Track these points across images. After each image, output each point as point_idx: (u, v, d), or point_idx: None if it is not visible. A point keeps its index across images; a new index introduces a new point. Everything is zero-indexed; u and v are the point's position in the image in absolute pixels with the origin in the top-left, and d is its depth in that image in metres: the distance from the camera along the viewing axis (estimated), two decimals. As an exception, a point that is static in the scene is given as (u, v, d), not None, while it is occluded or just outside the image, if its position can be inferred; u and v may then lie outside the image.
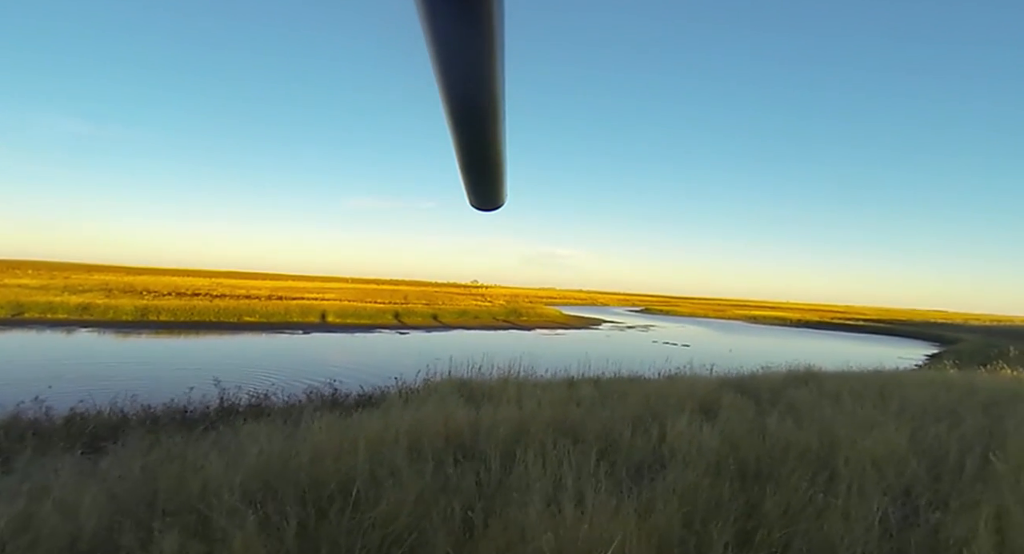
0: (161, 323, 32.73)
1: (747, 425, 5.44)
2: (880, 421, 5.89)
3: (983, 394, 7.98)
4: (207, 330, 31.26)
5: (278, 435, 4.32)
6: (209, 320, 34.83)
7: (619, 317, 62.34)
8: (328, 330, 34.60)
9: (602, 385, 8.68)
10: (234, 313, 36.82)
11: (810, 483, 3.55)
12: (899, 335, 51.70)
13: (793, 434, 4.96)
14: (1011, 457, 4.27)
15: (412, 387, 9.44)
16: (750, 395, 8.37)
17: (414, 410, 5.82)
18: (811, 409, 6.78)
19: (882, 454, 4.22)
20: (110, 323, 30.55)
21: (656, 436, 4.48)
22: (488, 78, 0.57)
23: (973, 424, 5.98)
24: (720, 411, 6.30)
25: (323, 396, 9.41)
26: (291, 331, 32.66)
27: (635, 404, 6.42)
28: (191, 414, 7.40)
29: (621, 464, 3.97)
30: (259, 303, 41.09)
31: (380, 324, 39.86)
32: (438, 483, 3.27)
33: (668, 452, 4.12)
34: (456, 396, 7.49)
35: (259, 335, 30.45)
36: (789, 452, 4.32)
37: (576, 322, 49.64)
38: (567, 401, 6.68)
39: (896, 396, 8.07)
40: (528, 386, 8.51)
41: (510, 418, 5.06)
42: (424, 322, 43.01)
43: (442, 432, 4.46)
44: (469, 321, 45.55)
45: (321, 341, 28.41)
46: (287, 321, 37.32)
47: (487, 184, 0.90)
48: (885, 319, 71.86)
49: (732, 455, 4.15)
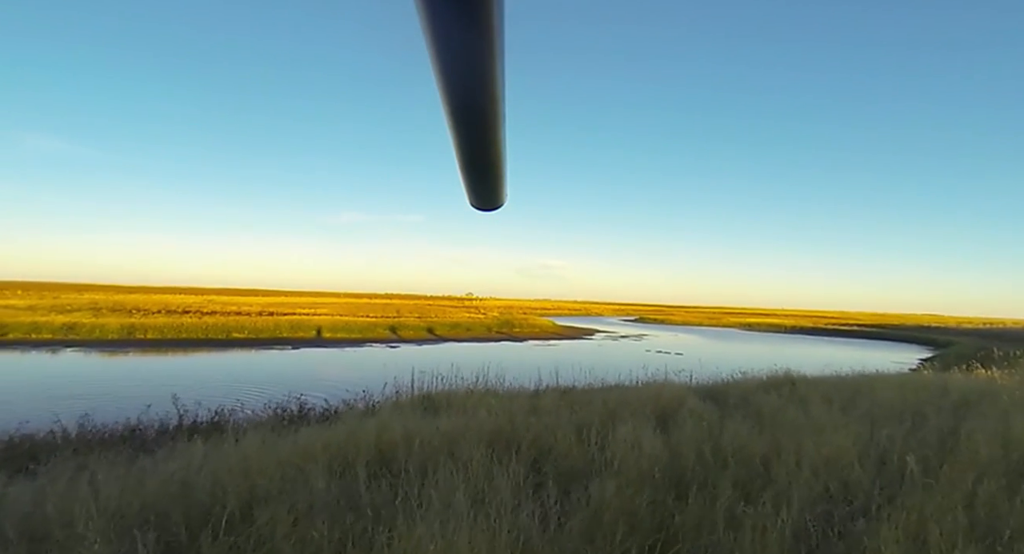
0: (148, 341, 32.38)
1: (701, 432, 5.28)
2: (841, 424, 5.72)
3: (955, 394, 7.82)
4: (194, 347, 30.98)
5: (199, 454, 4.13)
6: (197, 337, 34.54)
7: (613, 327, 62.18)
8: (318, 345, 34.35)
9: (569, 394, 8.50)
10: (222, 330, 36.53)
11: (741, 492, 3.38)
12: (892, 339, 51.65)
13: (745, 440, 4.79)
14: (962, 460, 4.11)
15: (378, 400, 9.27)
16: (717, 401, 8.19)
17: (360, 424, 5.65)
18: (775, 414, 6.61)
19: (826, 459, 4.05)
20: (95, 342, 30.21)
21: (596, 445, 4.29)
22: (488, 78, 0.57)
23: (936, 424, 5.82)
24: (678, 418, 6.13)
25: (289, 412, 9.21)
26: (280, 347, 32.40)
27: (593, 412, 6.25)
28: (141, 433, 7.20)
29: (552, 474, 3.79)
30: (248, 319, 40.77)
31: (371, 338, 39.59)
32: (336, 498, 3.10)
33: (605, 461, 3.94)
34: (418, 409, 7.33)
35: (246, 351, 30.19)
36: (733, 458, 4.15)
37: (569, 333, 49.45)
38: (526, 411, 6.50)
39: (867, 398, 7.91)
40: (495, 396, 8.33)
41: (452, 429, 4.89)
42: (416, 335, 42.77)
43: (374, 446, 4.28)
44: (461, 334, 45.31)
45: (307, 356, 28.19)
46: (276, 337, 37.01)
47: (487, 184, 0.91)
48: (879, 324, 71.91)
49: (673, 462, 3.98)
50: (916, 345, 46.53)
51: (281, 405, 9.64)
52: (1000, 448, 4.37)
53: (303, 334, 38.86)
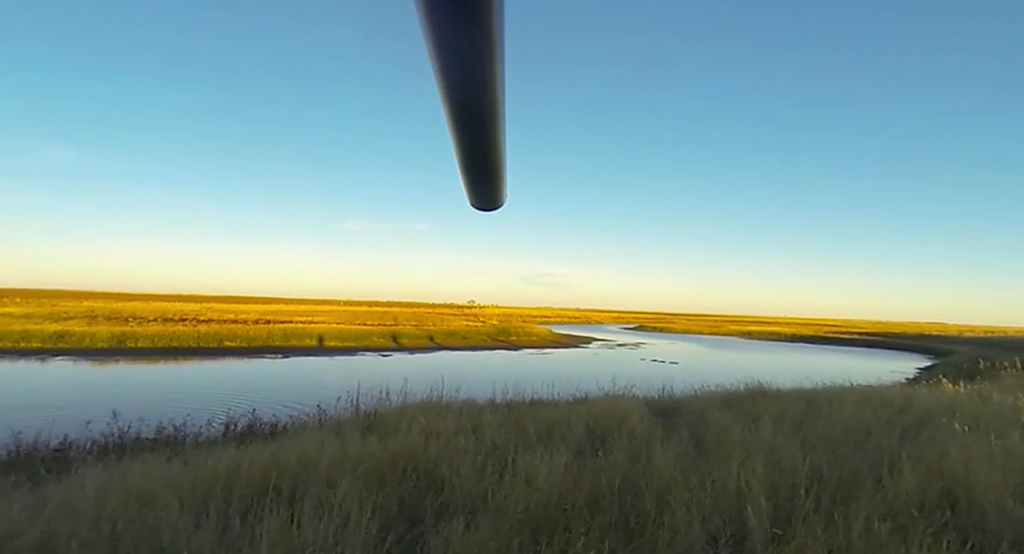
0: (138, 350, 32.33)
1: (623, 456, 5.03)
2: (781, 446, 5.46)
3: (916, 412, 7.53)
4: (183, 356, 30.88)
5: (86, 481, 3.93)
6: (188, 346, 34.48)
7: (611, 335, 61.78)
8: (308, 354, 34.21)
9: (520, 409, 8.25)
10: (215, 338, 36.44)
11: (620, 531, 3.13)
12: (893, 348, 51.01)
13: (663, 467, 4.52)
14: (871, 497, 3.83)
15: (330, 415, 9.06)
16: (671, 417, 7.95)
17: (265, 447, 5.45)
18: (721, 434, 6.36)
19: (736, 491, 3.79)
20: (84, 351, 30.11)
21: (496, 473, 4.04)
22: (488, 78, 0.57)
23: (878, 448, 5.55)
24: (613, 437, 5.89)
25: (235, 427, 9.04)
26: (271, 356, 32.29)
27: (523, 431, 6.02)
28: (68, 450, 6.98)
29: (430, 510, 3.54)
30: (242, 328, 40.66)
31: (365, 346, 39.42)
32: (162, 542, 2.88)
33: (491, 492, 3.67)
34: (359, 427, 7.12)
35: (235, 360, 30.12)
36: (633, 486, 3.90)
37: (566, 341, 49.15)
38: (466, 429, 6.27)
39: (825, 416, 7.64)
40: (444, 412, 8.11)
41: (356, 454, 4.66)
42: (411, 344, 42.58)
43: (259, 474, 4.05)
44: (457, 342, 45.09)
45: (292, 366, 28.01)
46: (268, 345, 36.92)
47: (487, 184, 0.90)
48: (881, 332, 71.12)
49: (570, 492, 3.73)
50: (916, 353, 45.88)
51: (232, 419, 9.49)
52: (925, 479, 4.10)
53: (295, 342, 38.77)
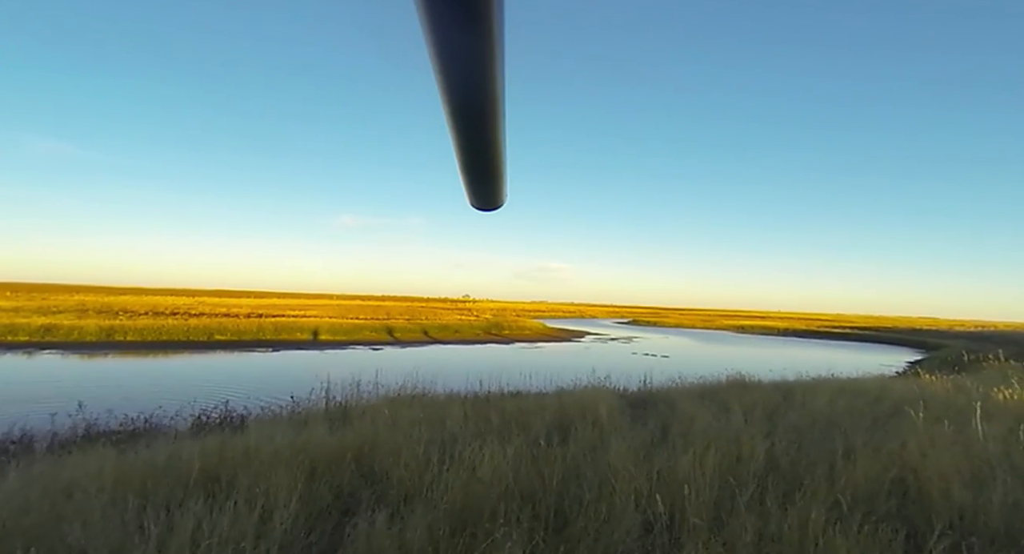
0: (127, 343, 32.13)
1: (582, 443, 4.96)
2: (744, 437, 5.38)
3: (888, 403, 7.48)
4: (172, 350, 30.71)
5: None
6: (178, 339, 34.33)
7: (604, 329, 61.76)
8: (299, 347, 34.11)
9: (489, 401, 8.17)
10: (205, 332, 36.31)
11: (555, 520, 3.04)
12: (885, 342, 51.26)
13: (616, 458, 4.43)
14: (817, 489, 3.75)
15: (303, 407, 8.96)
16: (646, 408, 7.89)
17: (236, 435, 5.35)
18: (688, 424, 6.29)
19: (682, 480, 3.70)
20: (72, 345, 29.94)
21: (437, 462, 3.95)
22: (488, 78, 0.57)
23: (842, 439, 5.49)
24: (576, 428, 5.82)
25: (204, 419, 8.98)
26: (261, 349, 32.19)
27: (486, 421, 5.94)
28: (32, 442, 6.88)
29: (366, 499, 3.44)
30: (232, 321, 40.52)
31: (356, 340, 39.34)
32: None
33: (431, 483, 3.56)
34: (325, 419, 7.03)
35: (223, 354, 29.98)
36: (580, 476, 3.81)
37: (558, 335, 49.13)
38: (418, 421, 6.15)
39: (797, 406, 7.59)
40: (414, 404, 8.03)
41: (307, 442, 4.57)
42: (403, 337, 42.47)
43: (202, 464, 3.95)
44: (449, 336, 45.04)
45: (281, 359, 27.89)
46: (259, 339, 36.79)
47: (487, 184, 0.90)
48: (873, 326, 71.52)
49: (514, 482, 3.63)
50: (908, 347, 46.06)
51: (205, 412, 9.43)
52: (880, 468, 4.03)
53: (286, 336, 38.65)
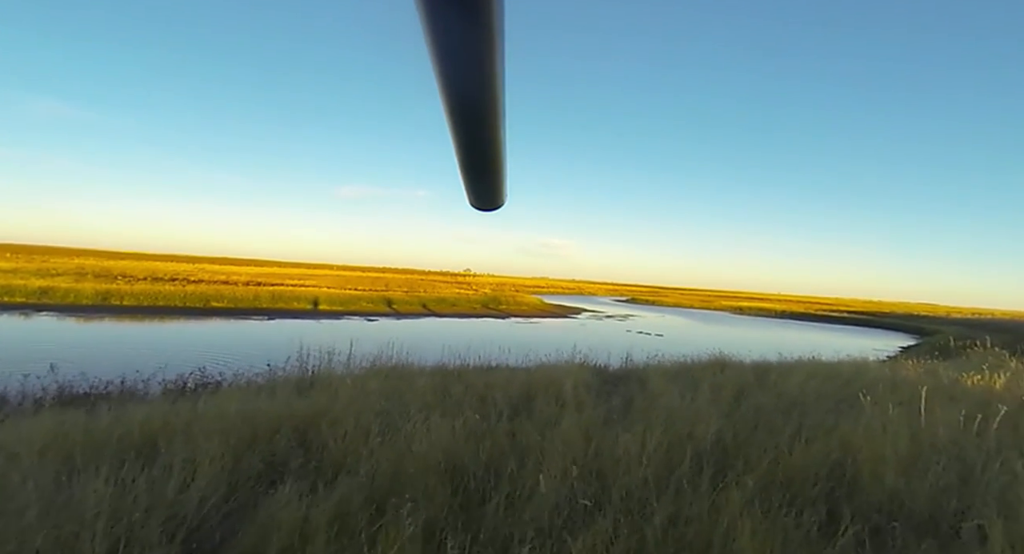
0: (122, 307, 32.25)
1: (539, 418, 4.95)
2: (701, 417, 5.38)
3: (857, 386, 7.44)
4: (167, 315, 30.80)
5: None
6: (174, 305, 34.48)
7: (602, 306, 61.81)
8: (295, 316, 34.21)
9: (460, 374, 8.18)
10: (201, 298, 36.42)
11: (475, 496, 3.02)
12: (880, 327, 51.23)
13: (568, 435, 4.42)
14: (790, 462, 3.74)
15: (275, 375, 8.99)
16: (617, 385, 7.89)
17: (188, 402, 5.36)
18: (651, 401, 6.29)
19: (616, 460, 3.68)
20: (67, 307, 30.05)
21: (376, 435, 3.93)
22: (488, 78, 0.57)
23: (809, 419, 5.48)
24: (539, 403, 5.82)
25: (180, 385, 9.05)
26: (257, 317, 32.29)
27: (448, 395, 5.94)
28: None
29: (293, 469, 3.43)
30: (230, 289, 40.60)
31: (352, 311, 39.45)
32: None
33: (365, 456, 3.53)
34: (288, 387, 7.06)
35: (218, 321, 30.07)
36: (522, 452, 3.80)
37: (555, 311, 49.21)
38: (378, 393, 6.14)
39: (768, 387, 7.57)
40: (386, 375, 8.04)
41: (256, 411, 4.57)
42: (400, 309, 42.58)
43: (141, 430, 3.95)
44: (446, 309, 45.11)
45: (273, 328, 27.91)
46: (255, 307, 36.90)
47: (487, 184, 0.89)
48: (870, 311, 71.44)
49: (450, 456, 3.61)
50: (903, 333, 46.09)
51: (181, 377, 9.50)
52: (826, 450, 4.00)
53: (282, 305, 38.76)
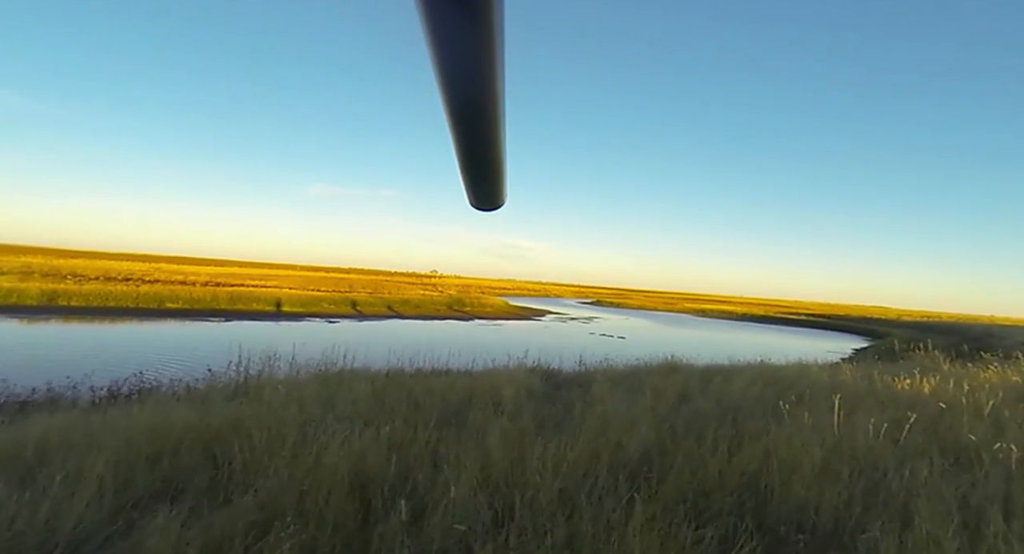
0: (70, 308, 31.00)
1: (470, 429, 4.85)
2: (638, 421, 5.37)
3: (797, 390, 7.57)
4: (118, 317, 29.73)
5: None
6: (126, 306, 33.34)
7: (567, 308, 62.10)
8: (253, 318, 33.41)
9: (402, 379, 8.02)
10: (155, 299, 35.29)
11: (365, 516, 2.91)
12: (836, 329, 52.91)
13: (491, 439, 4.33)
14: (706, 472, 3.72)
15: (213, 380, 8.69)
16: (557, 389, 7.86)
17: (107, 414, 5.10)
18: (587, 407, 6.26)
19: (534, 469, 3.61)
20: (8, 308, 28.70)
21: (291, 446, 3.77)
22: (488, 78, 0.57)
23: (741, 426, 5.51)
24: (476, 410, 5.72)
25: (116, 390, 8.68)
26: (213, 319, 31.47)
27: (382, 402, 5.79)
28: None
29: (185, 487, 3.25)
30: (186, 289, 39.46)
31: (313, 313, 38.76)
32: None
33: (272, 470, 3.35)
34: (218, 394, 6.80)
35: (171, 323, 29.13)
36: (431, 468, 3.69)
37: (519, 312, 49.17)
38: (311, 400, 5.95)
39: (712, 392, 7.63)
40: (326, 380, 7.84)
41: (157, 426, 4.34)
42: (363, 311, 42.03)
43: (36, 445, 3.71)
44: (410, 310, 44.67)
45: (228, 330, 27.14)
46: (212, 308, 35.95)
47: (487, 184, 0.88)
48: (827, 314, 73.70)
49: (358, 471, 3.46)
50: (857, 335, 47.60)
51: (115, 384, 9.10)
52: (744, 461, 4.00)
53: (241, 306, 37.83)
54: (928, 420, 5.27)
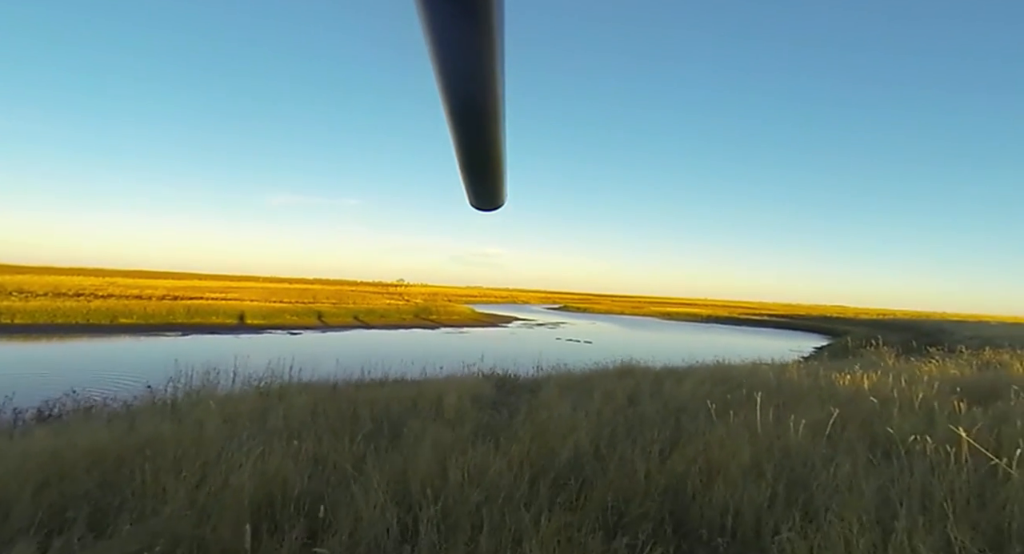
0: (13, 326, 29.58)
1: (407, 439, 4.70)
2: (579, 426, 5.29)
3: (745, 390, 7.62)
4: (66, 334, 28.51)
5: None
6: (75, 322, 32.04)
7: (534, 315, 62.17)
8: (212, 332, 32.45)
9: (347, 390, 7.78)
10: (108, 315, 33.98)
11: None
12: (798, 329, 54.29)
13: (426, 449, 4.20)
14: (633, 478, 3.64)
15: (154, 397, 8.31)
16: (506, 394, 7.75)
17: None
18: (534, 411, 6.16)
19: (455, 480, 3.49)
20: (-55, 327, 27.30)
21: (199, 468, 3.56)
22: (488, 78, 0.57)
23: (682, 428, 5.48)
24: (415, 418, 5.56)
25: (47, 411, 8.22)
26: (169, 334, 30.49)
27: (317, 414, 5.59)
28: None
29: (93, 515, 3.04)
30: (140, 304, 38.15)
31: (275, 325, 37.90)
32: None
33: (176, 494, 3.15)
34: (152, 412, 6.49)
35: (124, 338, 28.10)
36: (346, 485, 3.53)
37: (486, 320, 49.00)
38: (244, 415, 5.72)
39: (662, 393, 7.62)
40: (267, 394, 7.58)
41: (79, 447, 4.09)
42: (327, 322, 41.29)
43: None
44: (375, 320, 44.12)
45: (183, 344, 26.28)
46: (169, 323, 34.84)
47: (487, 184, 0.88)
48: (789, 314, 75.73)
49: (248, 497, 3.27)
50: (817, 333, 48.86)
51: (46, 404, 8.61)
52: (678, 464, 3.96)
53: (199, 320, 36.73)
54: (863, 415, 5.32)
